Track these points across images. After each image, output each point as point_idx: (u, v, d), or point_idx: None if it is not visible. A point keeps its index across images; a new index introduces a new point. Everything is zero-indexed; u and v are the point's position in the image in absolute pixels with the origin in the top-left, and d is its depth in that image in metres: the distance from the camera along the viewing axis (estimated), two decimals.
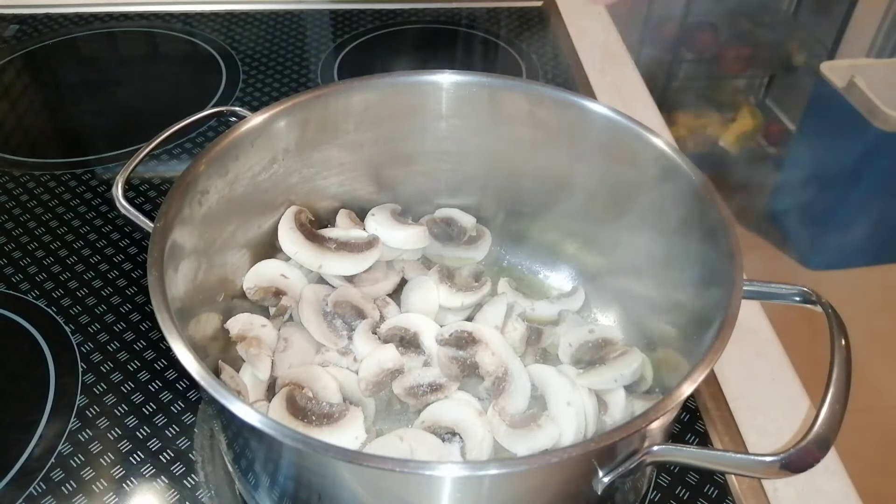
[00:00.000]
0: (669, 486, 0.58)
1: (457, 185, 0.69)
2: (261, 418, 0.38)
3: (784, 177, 2.32)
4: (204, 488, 0.57)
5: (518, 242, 0.71)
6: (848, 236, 2.06)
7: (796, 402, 0.66)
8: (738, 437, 0.63)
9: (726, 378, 0.67)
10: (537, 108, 0.62)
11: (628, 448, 0.42)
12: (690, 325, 0.52)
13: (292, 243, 0.62)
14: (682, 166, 0.55)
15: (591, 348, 0.61)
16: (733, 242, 0.49)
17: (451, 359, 0.59)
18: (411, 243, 0.66)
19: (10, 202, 0.82)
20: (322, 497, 0.45)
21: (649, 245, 0.60)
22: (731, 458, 0.43)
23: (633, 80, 1.11)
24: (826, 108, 1.98)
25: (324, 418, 0.52)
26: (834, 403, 0.41)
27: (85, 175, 0.87)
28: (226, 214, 0.57)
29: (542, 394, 0.58)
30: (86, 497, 0.56)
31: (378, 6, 1.24)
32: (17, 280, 0.73)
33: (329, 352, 0.60)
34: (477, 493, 0.42)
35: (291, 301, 0.61)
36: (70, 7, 1.21)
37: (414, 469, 0.38)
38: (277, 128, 0.59)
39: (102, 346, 0.67)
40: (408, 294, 0.65)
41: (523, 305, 0.65)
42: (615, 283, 0.66)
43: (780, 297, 0.50)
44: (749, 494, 0.59)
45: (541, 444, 0.53)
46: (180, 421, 0.61)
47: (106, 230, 0.79)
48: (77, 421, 0.61)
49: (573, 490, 0.45)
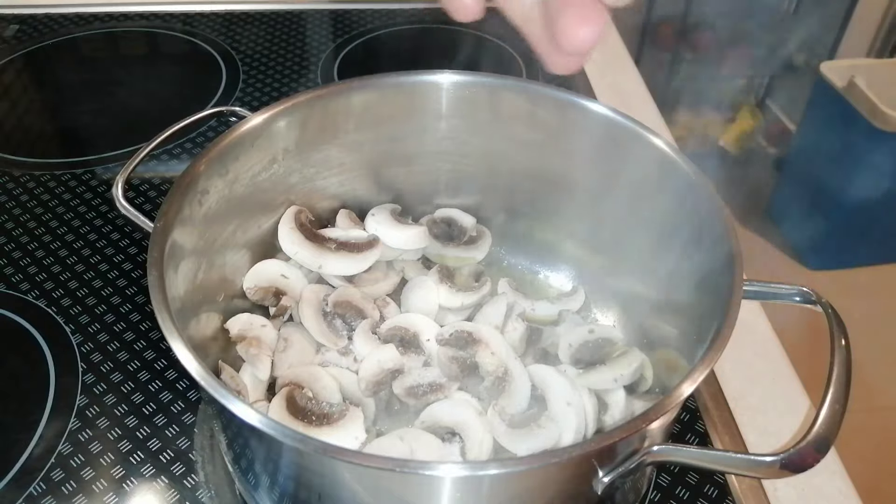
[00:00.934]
0: (669, 486, 0.58)
1: (457, 185, 0.69)
2: (261, 418, 0.38)
3: (784, 177, 2.32)
4: (204, 488, 0.57)
5: (518, 242, 0.71)
6: (848, 236, 2.06)
7: (796, 402, 0.66)
8: (738, 438, 0.63)
9: (726, 378, 0.67)
10: (537, 108, 0.62)
11: (628, 448, 0.42)
12: (690, 325, 0.52)
13: (292, 243, 0.62)
14: (682, 166, 0.55)
15: (591, 348, 0.61)
16: (733, 242, 0.49)
17: (451, 359, 0.59)
18: (411, 243, 0.66)
19: (10, 202, 0.82)
20: (322, 497, 0.45)
21: (649, 245, 0.60)
22: (731, 458, 0.43)
23: (633, 80, 1.11)
24: (826, 108, 1.98)
25: (324, 418, 0.52)
26: (834, 403, 0.41)
27: (85, 175, 0.87)
28: (226, 214, 0.57)
29: (542, 394, 0.58)
30: (86, 497, 0.56)
31: (378, 6, 1.23)
32: (17, 280, 0.73)
33: (329, 352, 0.60)
34: (477, 494, 0.42)
35: (291, 301, 0.61)
36: (70, 7, 1.21)
37: (414, 469, 0.38)
38: (277, 128, 0.59)
39: (102, 346, 0.67)
40: (408, 294, 0.65)
41: (523, 305, 0.65)
42: (615, 283, 0.66)
43: (780, 297, 0.50)
44: (749, 494, 0.59)
45: (541, 445, 0.53)
46: (180, 421, 0.61)
47: (106, 230, 0.79)
48: (77, 421, 0.61)
49: (573, 490, 0.45)
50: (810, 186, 2.11)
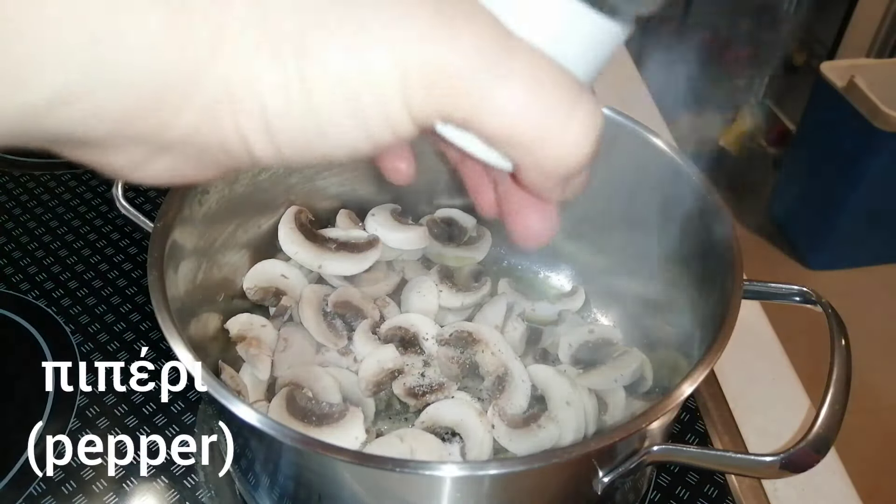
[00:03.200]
0: (669, 486, 0.58)
1: (457, 185, 0.69)
2: (261, 418, 0.38)
3: (784, 177, 2.32)
4: (204, 488, 0.57)
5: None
6: (848, 236, 2.06)
7: (796, 403, 0.66)
8: (738, 438, 0.63)
9: (726, 378, 0.67)
10: None
11: (628, 448, 0.42)
12: (690, 325, 0.52)
13: (292, 243, 0.62)
14: (682, 166, 0.55)
15: (592, 348, 0.61)
16: (733, 242, 0.49)
17: (451, 359, 0.59)
18: (411, 244, 0.66)
19: (10, 202, 0.82)
20: (322, 497, 0.45)
21: (649, 245, 0.60)
22: (731, 458, 0.43)
23: (634, 80, 1.10)
24: (826, 108, 1.98)
25: (324, 418, 0.52)
26: (834, 403, 0.42)
27: (85, 175, 0.87)
28: (226, 214, 0.57)
29: (543, 394, 0.58)
30: (86, 497, 0.56)
31: None
32: (16, 280, 0.73)
33: (329, 352, 0.60)
34: (477, 494, 0.42)
35: (291, 301, 0.61)
36: None
37: (414, 469, 0.38)
38: None
39: (102, 346, 0.67)
40: (408, 294, 0.65)
41: (523, 305, 0.65)
42: (615, 284, 0.66)
43: (780, 297, 0.50)
44: (749, 494, 0.59)
45: (541, 445, 0.53)
46: (180, 421, 0.61)
47: (106, 230, 0.79)
48: (77, 421, 0.61)
49: (573, 490, 0.45)
50: (810, 186, 2.11)
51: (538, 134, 0.25)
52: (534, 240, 0.32)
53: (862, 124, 1.82)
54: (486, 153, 0.28)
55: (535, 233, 0.32)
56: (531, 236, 0.32)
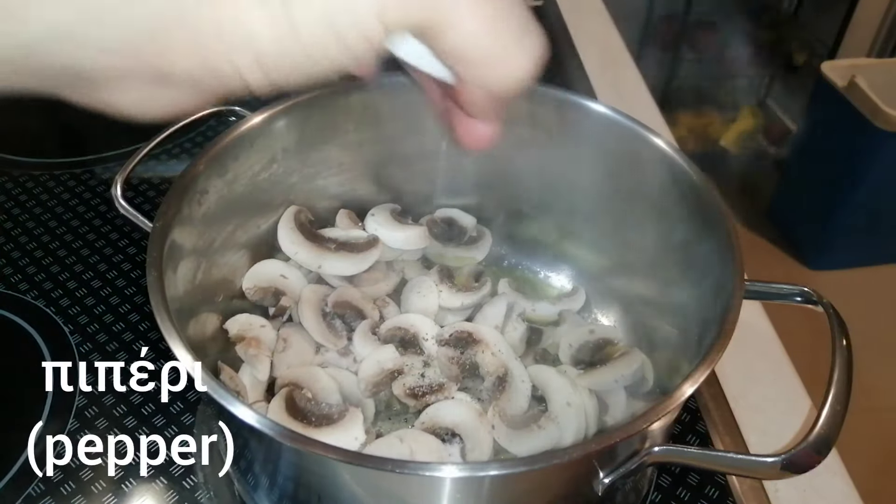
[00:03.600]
0: (670, 486, 0.58)
1: (457, 185, 0.69)
2: (260, 419, 0.38)
3: (784, 177, 2.32)
4: (203, 489, 0.57)
5: (518, 243, 0.71)
6: (848, 236, 2.06)
7: (797, 403, 0.66)
8: (738, 438, 0.63)
9: (727, 378, 0.67)
10: (537, 108, 0.62)
11: (629, 449, 0.42)
12: (691, 325, 0.52)
13: (292, 243, 0.62)
14: (682, 166, 0.55)
15: (592, 349, 0.61)
16: (734, 242, 0.49)
17: (450, 359, 0.59)
18: (411, 243, 0.66)
19: (9, 202, 0.82)
20: (322, 498, 0.45)
21: (650, 245, 0.60)
22: (732, 458, 0.43)
23: (633, 80, 1.10)
24: (827, 108, 1.98)
25: (323, 419, 0.52)
26: (835, 404, 0.41)
27: (84, 175, 0.87)
28: (225, 214, 0.57)
29: (543, 394, 0.58)
30: (85, 497, 0.56)
31: None
32: (15, 280, 0.73)
33: (328, 352, 0.59)
34: (477, 494, 0.42)
35: (291, 301, 0.61)
36: None
37: (414, 470, 0.38)
38: (277, 128, 0.59)
39: (101, 346, 0.67)
40: (408, 294, 0.65)
41: (523, 306, 0.65)
42: (616, 284, 0.66)
43: (780, 297, 0.50)
44: (750, 495, 0.58)
45: (541, 445, 0.52)
46: (179, 421, 0.61)
47: (105, 230, 0.79)
48: (76, 421, 0.61)
49: (574, 491, 0.45)
50: (811, 186, 2.11)
51: (489, 53, 0.29)
52: (475, 143, 0.36)
53: (862, 124, 1.82)
54: (434, 66, 0.31)
55: (477, 136, 0.36)
56: (473, 139, 0.36)
